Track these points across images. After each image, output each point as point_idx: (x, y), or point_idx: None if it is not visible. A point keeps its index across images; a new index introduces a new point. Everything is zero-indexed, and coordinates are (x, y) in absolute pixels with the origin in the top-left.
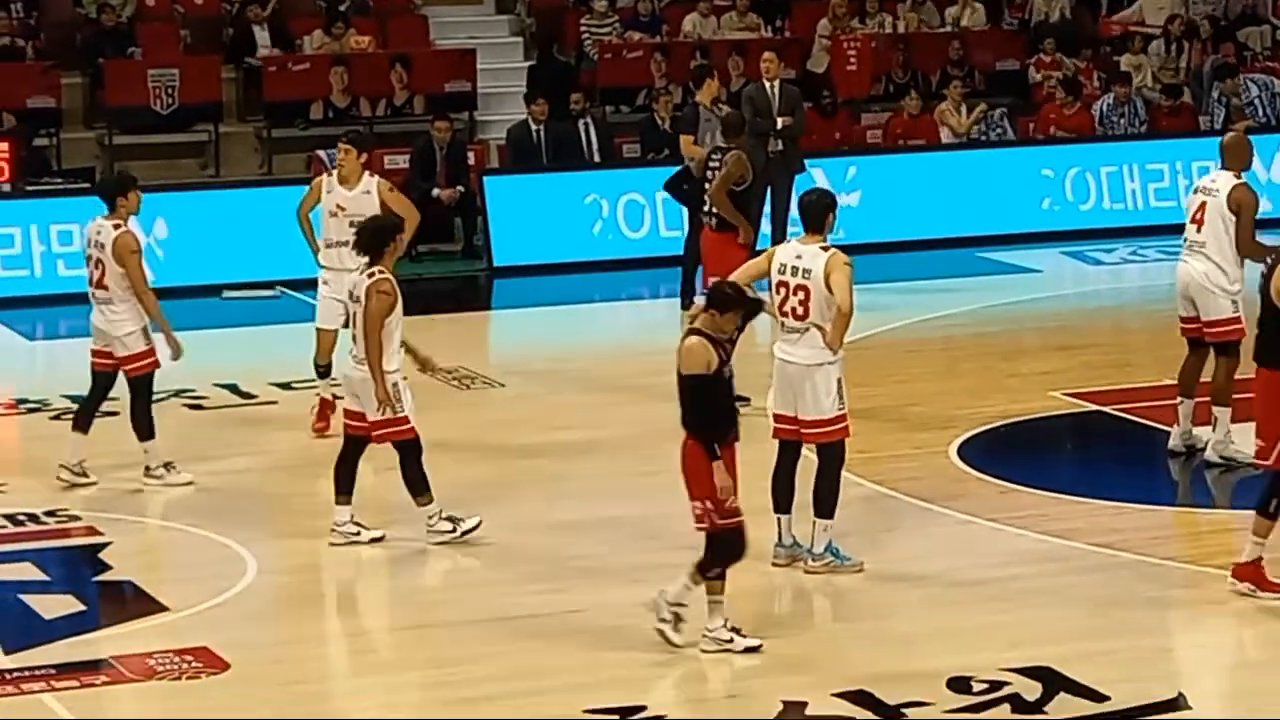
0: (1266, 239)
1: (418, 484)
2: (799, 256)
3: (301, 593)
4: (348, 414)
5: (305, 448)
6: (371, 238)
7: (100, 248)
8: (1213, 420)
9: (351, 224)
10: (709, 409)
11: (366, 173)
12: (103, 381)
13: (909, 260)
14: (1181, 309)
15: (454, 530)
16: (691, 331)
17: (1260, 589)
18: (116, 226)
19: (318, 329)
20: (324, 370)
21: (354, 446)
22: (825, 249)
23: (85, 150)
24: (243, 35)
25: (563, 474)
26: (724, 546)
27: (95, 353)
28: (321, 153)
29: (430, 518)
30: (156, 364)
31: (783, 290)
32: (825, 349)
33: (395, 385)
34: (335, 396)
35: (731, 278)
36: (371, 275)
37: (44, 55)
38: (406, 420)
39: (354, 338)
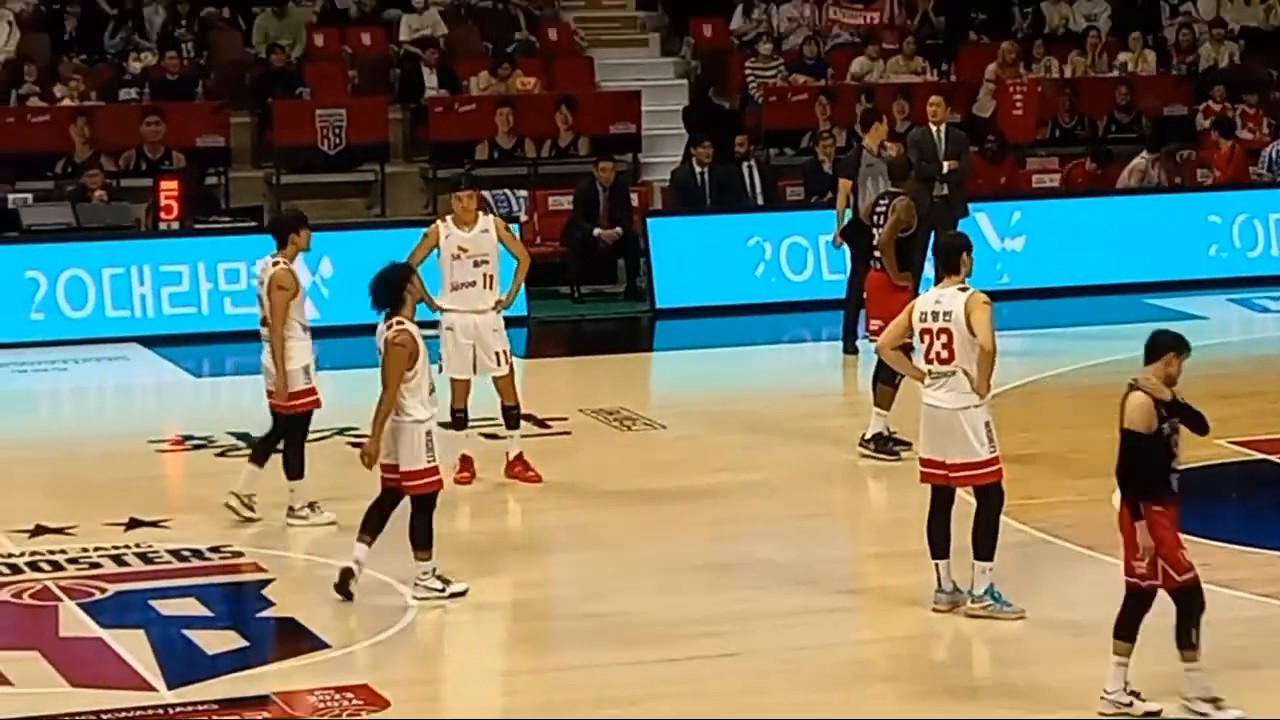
0: None
1: (422, 537)
2: (938, 301)
3: (460, 631)
4: (383, 466)
5: (455, 489)
6: (385, 288)
7: (262, 282)
8: None
9: (476, 264)
10: (1139, 468)
11: (482, 212)
12: (281, 422)
13: (1074, 306)
14: None
15: (442, 590)
16: (1135, 386)
17: None
18: (276, 263)
19: (452, 379)
20: (462, 417)
21: (388, 497)
22: (963, 290)
23: (253, 189)
24: (410, 76)
25: (723, 516)
26: (1189, 598)
27: (269, 392)
28: (487, 194)
29: (424, 574)
30: (317, 403)
31: (926, 337)
32: (972, 393)
33: (429, 434)
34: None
35: (881, 341)
36: (390, 326)
37: (213, 95)
38: (436, 471)
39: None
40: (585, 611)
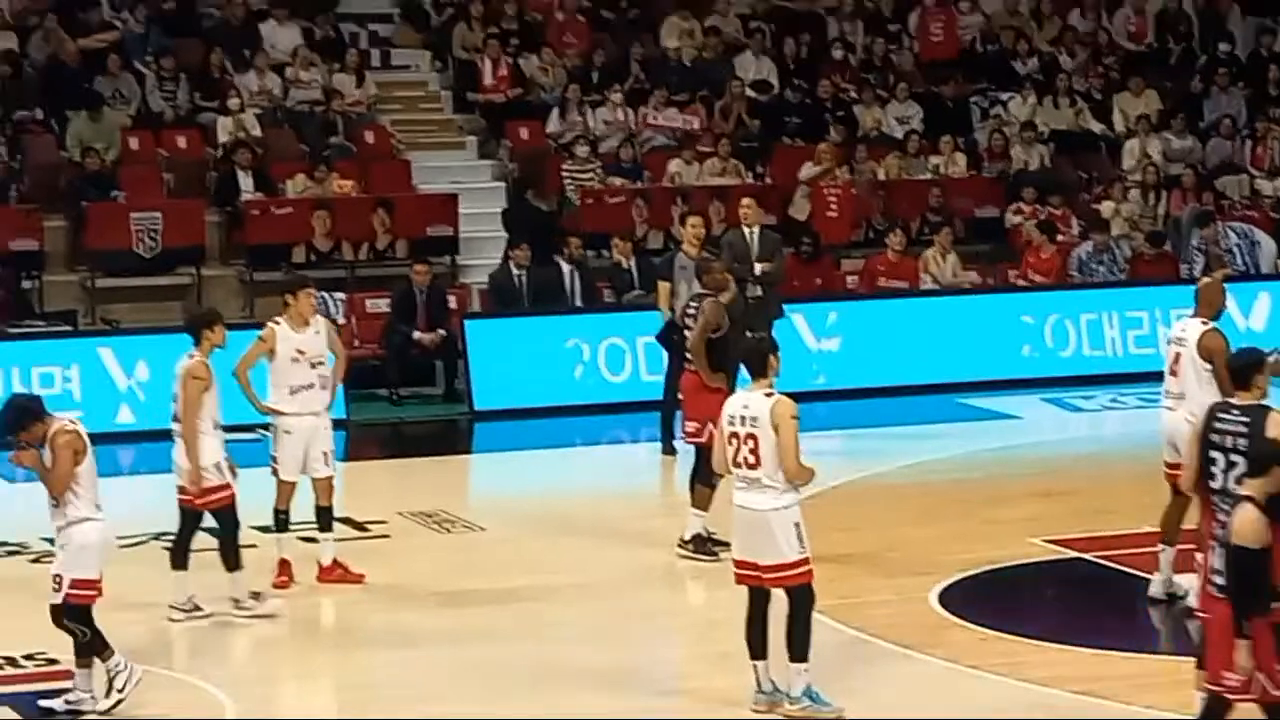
0: None
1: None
2: (745, 406)
3: None
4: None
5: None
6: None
7: (178, 378)
8: (1196, 567)
9: (313, 365)
10: (1250, 585)
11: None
12: (190, 518)
13: (889, 406)
14: (1167, 455)
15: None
16: (1247, 499)
17: None
18: (192, 357)
19: (283, 481)
20: (285, 519)
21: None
22: (769, 394)
23: (68, 293)
24: (226, 179)
25: (543, 618)
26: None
27: (180, 488)
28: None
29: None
30: (232, 498)
31: (734, 441)
32: (781, 495)
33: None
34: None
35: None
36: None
37: (27, 199)
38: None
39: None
40: (409, 715)
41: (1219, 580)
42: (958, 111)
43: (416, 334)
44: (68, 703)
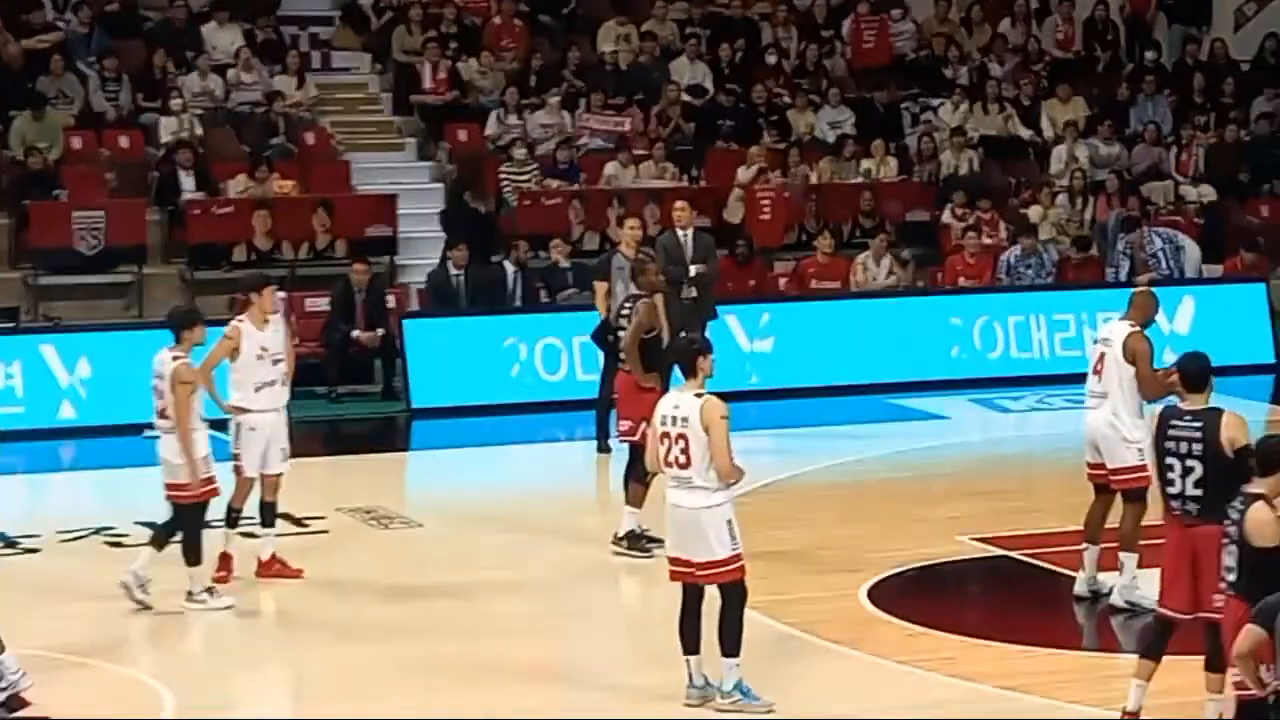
0: None
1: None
2: (676, 406)
3: None
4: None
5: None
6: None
7: (161, 378)
8: (1119, 565)
9: (274, 362)
10: (1262, 582)
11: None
12: (192, 511)
13: (820, 406)
14: (1089, 456)
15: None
16: (1257, 497)
17: None
18: (176, 358)
19: (244, 477)
20: (237, 516)
21: None
22: (699, 395)
23: (10, 291)
24: (167, 179)
25: (479, 614)
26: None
27: (168, 484)
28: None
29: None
30: (216, 492)
31: (665, 441)
32: (713, 493)
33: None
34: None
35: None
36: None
37: None
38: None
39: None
40: (342, 711)
41: (1230, 578)
42: (889, 117)
43: (355, 332)
44: None
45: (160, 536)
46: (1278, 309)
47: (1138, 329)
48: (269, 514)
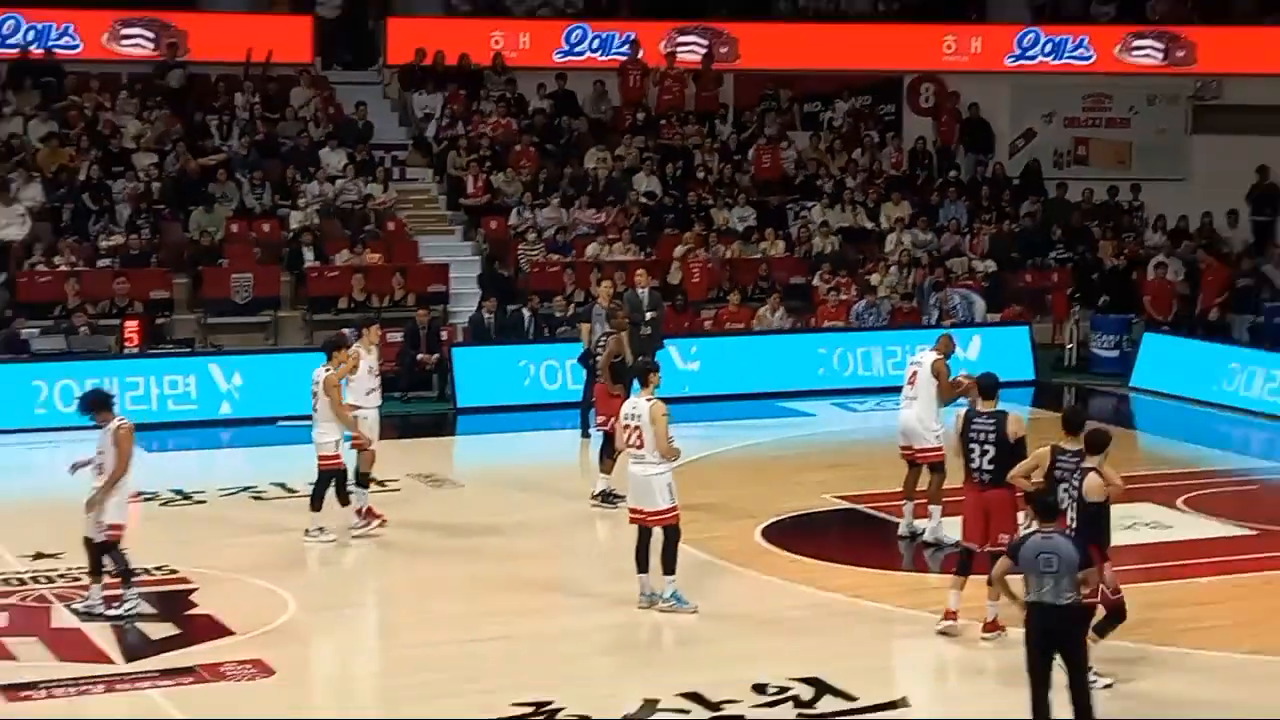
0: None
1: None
2: (634, 407)
3: (326, 622)
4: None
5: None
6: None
7: (317, 384)
8: (929, 514)
9: (375, 375)
10: (1096, 526)
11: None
12: (331, 475)
13: (732, 407)
14: (901, 441)
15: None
16: (1090, 469)
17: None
18: (327, 371)
19: (366, 451)
20: (368, 480)
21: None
22: (650, 400)
23: (189, 327)
24: (295, 253)
25: (502, 545)
26: (1119, 611)
27: (320, 456)
28: (347, 330)
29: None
30: (341, 463)
31: (627, 430)
32: (658, 466)
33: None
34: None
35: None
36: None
37: (163, 264)
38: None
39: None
40: (413, 606)
41: (1074, 526)
42: (779, 214)
43: (420, 356)
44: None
45: (339, 493)
46: (1036, 343)
47: (940, 357)
48: (364, 480)
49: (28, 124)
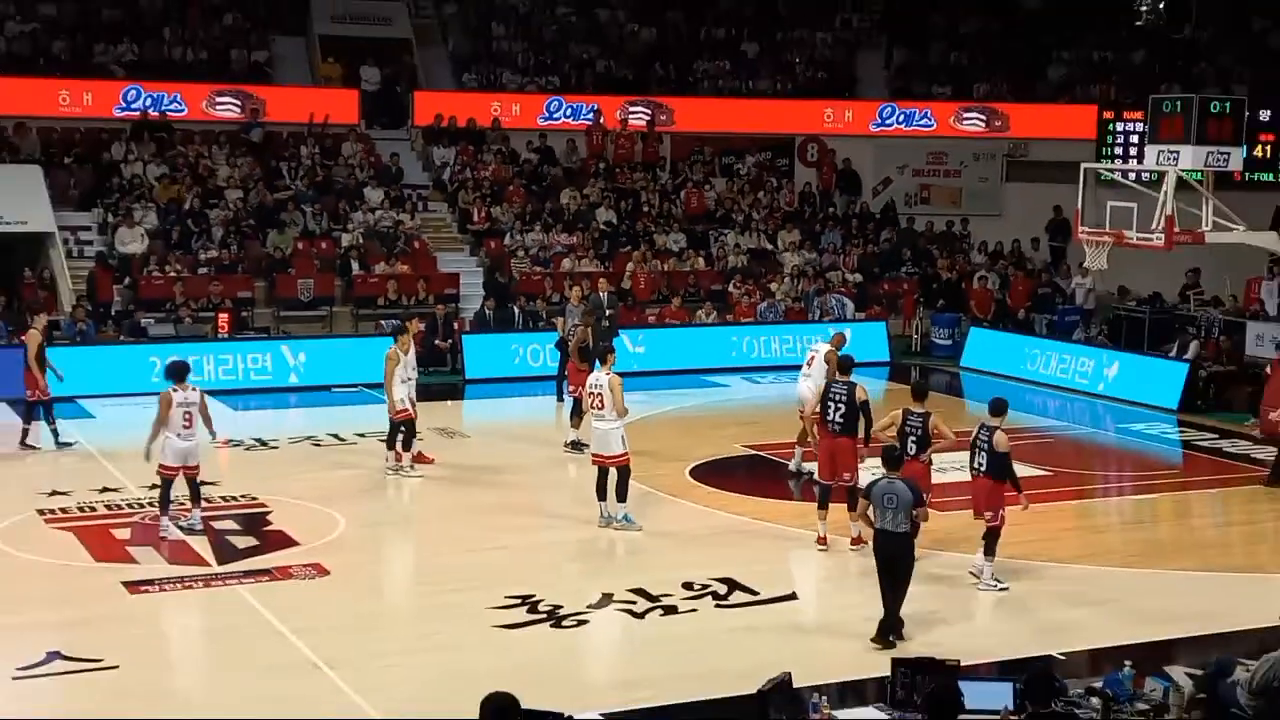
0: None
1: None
2: (597, 380)
3: (373, 536)
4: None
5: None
6: (395, 329)
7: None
8: (815, 457)
9: (413, 368)
10: (1000, 469)
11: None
12: (399, 425)
13: (670, 380)
14: (800, 406)
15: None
16: (996, 429)
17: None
18: (391, 348)
19: (409, 418)
20: (411, 435)
21: None
22: (609, 374)
23: (265, 319)
24: (344, 264)
25: (498, 480)
26: (996, 532)
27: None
28: (385, 323)
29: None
30: (410, 416)
31: (590, 397)
32: (614, 422)
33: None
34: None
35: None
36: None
37: (246, 272)
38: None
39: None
40: (441, 526)
41: (981, 468)
42: (704, 239)
43: (438, 341)
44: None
45: (391, 440)
46: (891, 334)
47: (832, 348)
48: (410, 435)
49: (146, 167)
